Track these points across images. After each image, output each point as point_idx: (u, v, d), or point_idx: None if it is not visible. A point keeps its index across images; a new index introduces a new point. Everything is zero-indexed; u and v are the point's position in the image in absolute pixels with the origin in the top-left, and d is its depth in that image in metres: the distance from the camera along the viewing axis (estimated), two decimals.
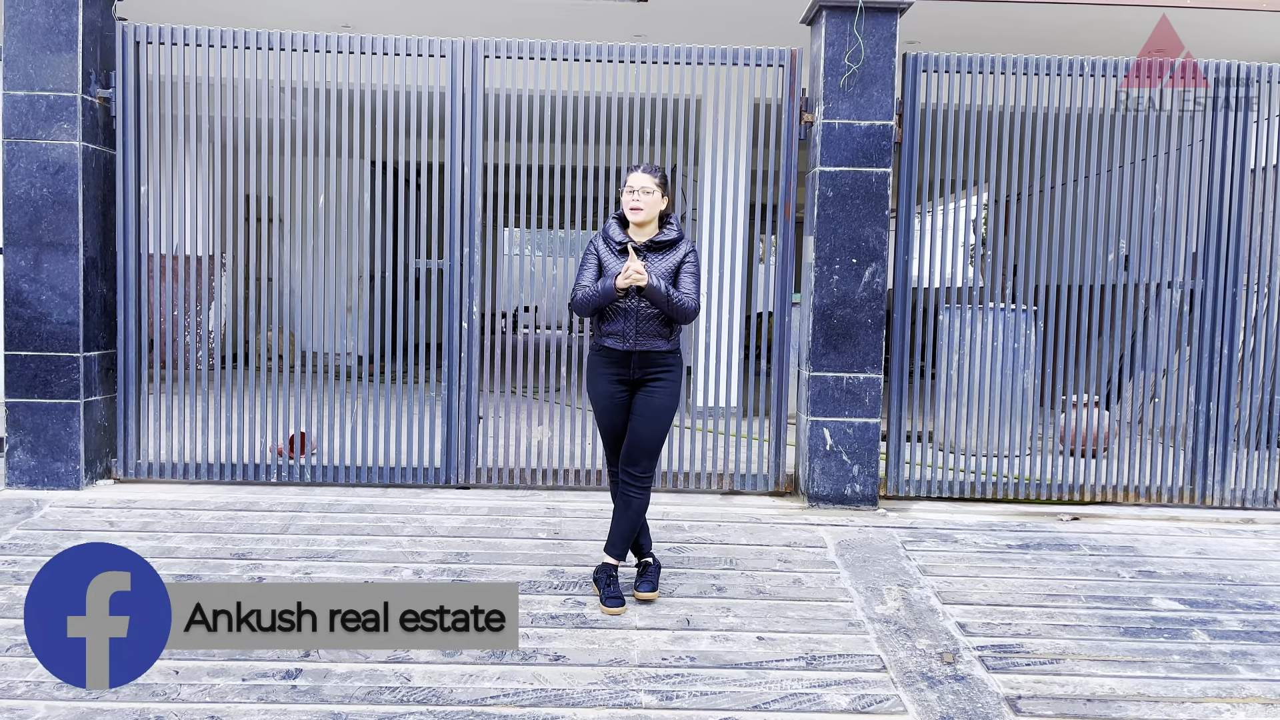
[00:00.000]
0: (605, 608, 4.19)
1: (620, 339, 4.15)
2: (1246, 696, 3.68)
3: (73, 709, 3.31)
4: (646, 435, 4.18)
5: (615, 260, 4.14)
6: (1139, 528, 5.51)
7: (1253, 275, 5.88)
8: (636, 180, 4.12)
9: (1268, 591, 4.64)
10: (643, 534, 4.41)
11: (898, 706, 3.53)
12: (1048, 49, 8.13)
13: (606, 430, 4.29)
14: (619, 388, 4.21)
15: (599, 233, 4.30)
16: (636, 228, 4.19)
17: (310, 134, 5.89)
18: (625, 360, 4.18)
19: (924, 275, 5.96)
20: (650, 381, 4.20)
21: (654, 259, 4.16)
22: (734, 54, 5.71)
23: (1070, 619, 4.28)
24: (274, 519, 5.19)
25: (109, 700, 3.35)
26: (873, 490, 5.67)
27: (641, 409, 4.19)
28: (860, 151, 5.57)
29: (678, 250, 4.20)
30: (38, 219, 5.46)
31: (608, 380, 4.22)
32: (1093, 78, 5.75)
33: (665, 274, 4.14)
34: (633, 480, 4.21)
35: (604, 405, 4.24)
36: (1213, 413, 5.87)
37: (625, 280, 4.01)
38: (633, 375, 4.19)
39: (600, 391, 4.24)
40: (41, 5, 5.39)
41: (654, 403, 4.18)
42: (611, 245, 4.18)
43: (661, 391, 4.19)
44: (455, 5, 7.48)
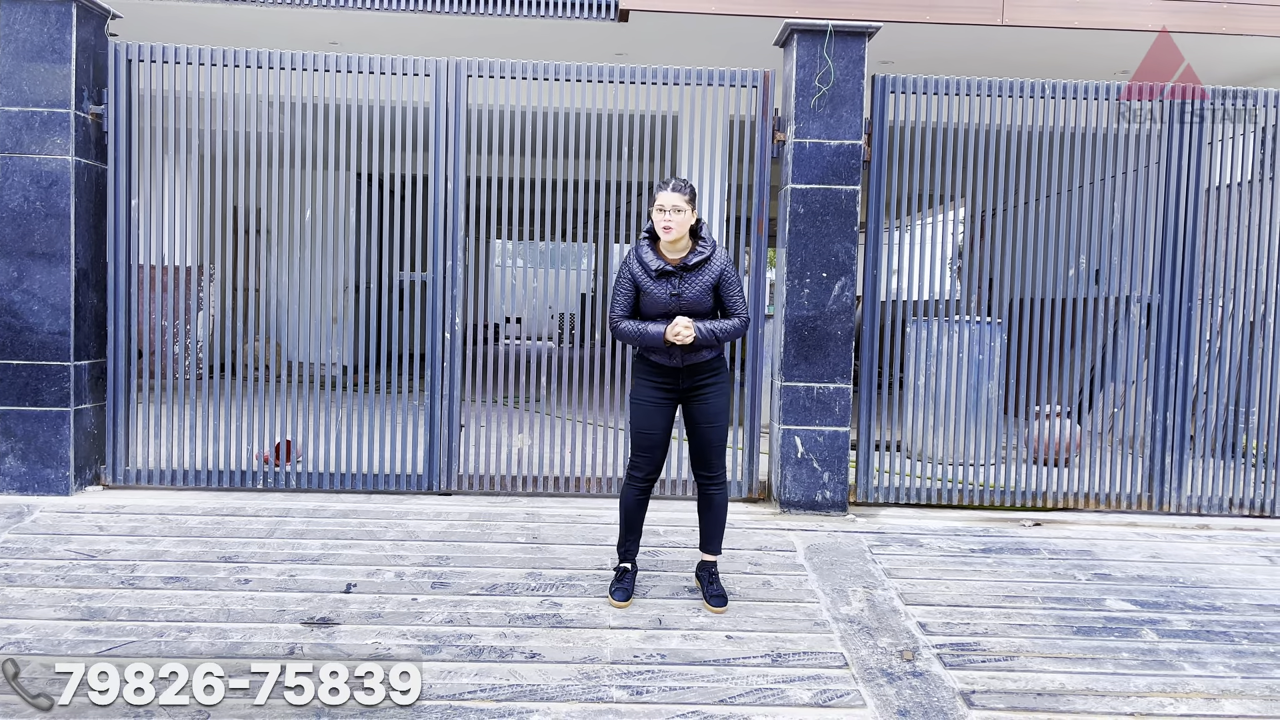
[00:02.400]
0: (710, 606, 4.41)
1: (667, 356, 4.27)
2: (1190, 691, 3.87)
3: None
4: (713, 438, 4.35)
5: (654, 284, 4.23)
6: (1098, 533, 5.72)
7: (1209, 290, 6.11)
8: (667, 199, 4.16)
9: (1217, 593, 4.85)
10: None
11: (857, 700, 3.71)
12: (1015, 69, 8.42)
13: (644, 436, 4.36)
14: (665, 397, 4.34)
15: (631, 253, 4.35)
16: (669, 245, 4.26)
17: (297, 147, 6.05)
18: (674, 374, 4.32)
19: (892, 289, 6.16)
20: (701, 389, 4.33)
21: (690, 279, 4.24)
22: (710, 75, 5.91)
23: (1026, 619, 4.47)
24: (260, 524, 5.34)
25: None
26: (843, 496, 5.86)
27: (700, 416, 4.34)
28: (830, 170, 5.77)
29: (713, 265, 4.27)
30: (30, 231, 5.60)
31: (653, 389, 4.34)
32: (1053, 99, 5.98)
33: (705, 290, 4.24)
34: (709, 480, 4.41)
35: (646, 409, 4.34)
36: (1170, 422, 6.09)
37: (673, 339, 4.15)
38: (681, 386, 4.33)
39: (645, 397, 4.35)
40: (37, 24, 5.54)
41: (710, 409, 4.34)
42: (649, 270, 4.24)
43: (715, 396, 4.34)
44: (440, 22, 7.65)
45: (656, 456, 4.39)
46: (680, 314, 4.22)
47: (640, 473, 4.41)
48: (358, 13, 7.36)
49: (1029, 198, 5.98)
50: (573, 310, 13.93)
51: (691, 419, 4.38)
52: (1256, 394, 6.24)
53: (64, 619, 4.12)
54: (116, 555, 4.82)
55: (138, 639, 3.96)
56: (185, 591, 4.43)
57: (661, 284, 4.23)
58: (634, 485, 4.43)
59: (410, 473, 6.06)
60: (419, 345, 6.17)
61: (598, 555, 5.02)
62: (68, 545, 4.94)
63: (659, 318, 4.25)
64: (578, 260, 21.09)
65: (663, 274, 4.23)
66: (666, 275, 4.23)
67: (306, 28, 7.97)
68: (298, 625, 4.12)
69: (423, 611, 4.30)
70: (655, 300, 4.24)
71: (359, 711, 3.49)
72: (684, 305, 4.23)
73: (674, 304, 4.23)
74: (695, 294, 4.24)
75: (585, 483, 6.10)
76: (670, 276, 4.24)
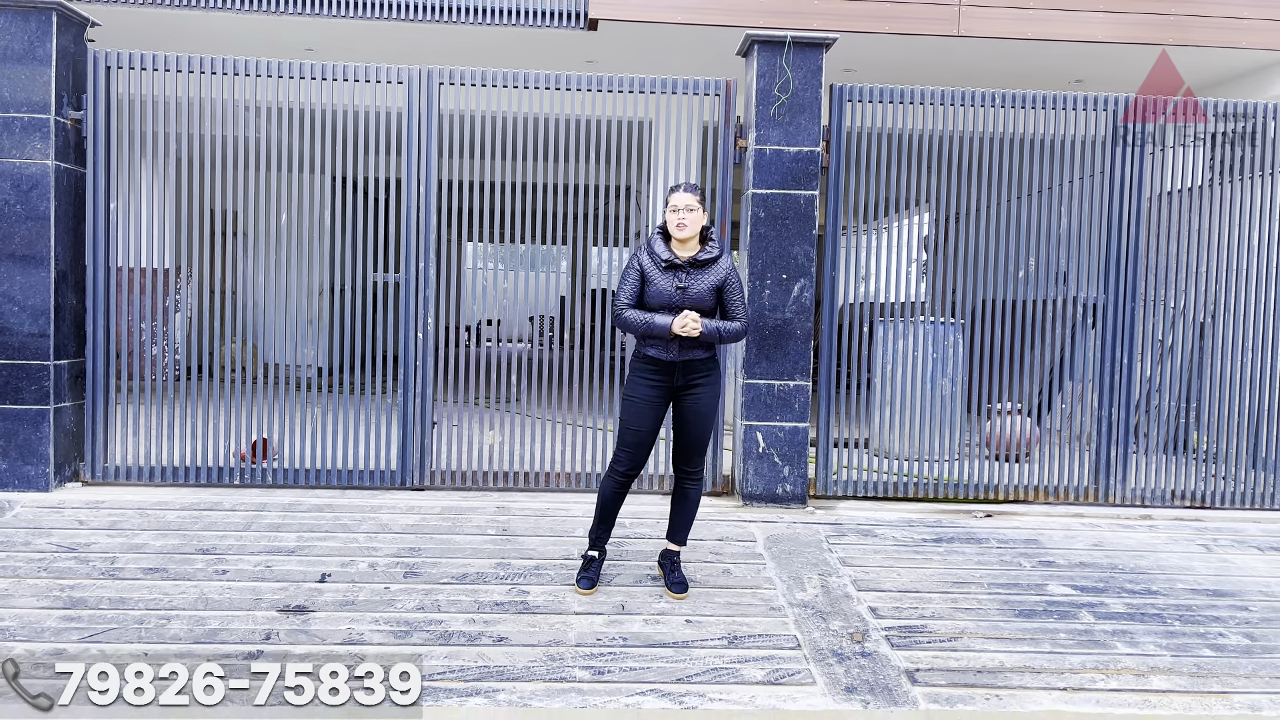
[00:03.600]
0: (672, 593, 4.62)
1: (664, 349, 4.47)
2: (1121, 669, 4.12)
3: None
4: (699, 436, 4.58)
5: (661, 276, 4.44)
6: (1045, 524, 5.97)
7: (1157, 292, 6.39)
8: (680, 200, 4.41)
9: (1153, 579, 5.10)
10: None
11: (807, 679, 3.92)
12: (973, 76, 8.69)
13: (634, 430, 4.53)
14: (659, 394, 4.52)
15: (643, 245, 4.59)
16: (679, 243, 4.49)
17: (273, 151, 6.20)
18: (669, 369, 4.51)
19: (854, 291, 6.40)
20: (693, 388, 4.54)
21: (696, 275, 4.46)
22: (675, 83, 6.12)
23: (972, 603, 4.70)
24: (237, 518, 5.49)
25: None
26: (802, 490, 6.08)
27: (689, 414, 4.55)
28: (790, 175, 6.00)
29: (720, 266, 4.50)
30: (11, 234, 5.73)
31: (649, 385, 4.52)
32: (1003, 108, 6.24)
33: (709, 289, 4.46)
34: (688, 475, 4.65)
35: (639, 406, 4.51)
36: (1114, 418, 6.35)
37: (680, 330, 4.35)
38: (675, 383, 4.53)
39: (639, 394, 4.52)
40: (17, 32, 5.68)
41: (700, 407, 4.55)
42: (658, 261, 4.45)
43: (706, 395, 4.56)
44: (414, 30, 7.82)
45: (642, 453, 4.58)
46: (685, 308, 4.41)
47: (623, 467, 4.59)
48: (333, 20, 7.52)
49: (984, 203, 6.23)
50: (552, 313, 14.13)
51: (681, 416, 4.59)
52: (1205, 392, 6.52)
53: (47, 608, 4.27)
54: (96, 548, 4.96)
55: (118, 626, 4.11)
56: (164, 581, 4.58)
57: (669, 276, 4.44)
58: (615, 478, 4.61)
59: (384, 469, 6.23)
60: (393, 346, 6.34)
61: (565, 546, 5.22)
62: (49, 539, 5.08)
63: (662, 310, 4.43)
64: (555, 263, 21.26)
65: (671, 266, 4.44)
66: (675, 268, 4.45)
67: (283, 34, 8.12)
68: (274, 613, 4.29)
69: (395, 599, 4.48)
70: (660, 292, 4.44)
71: (359, 712, 3.60)
72: (688, 300, 4.43)
73: (678, 297, 4.43)
74: (700, 290, 4.45)
75: (555, 478, 6.29)
76: (678, 270, 4.45)
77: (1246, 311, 6.41)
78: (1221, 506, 6.42)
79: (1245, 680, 4.03)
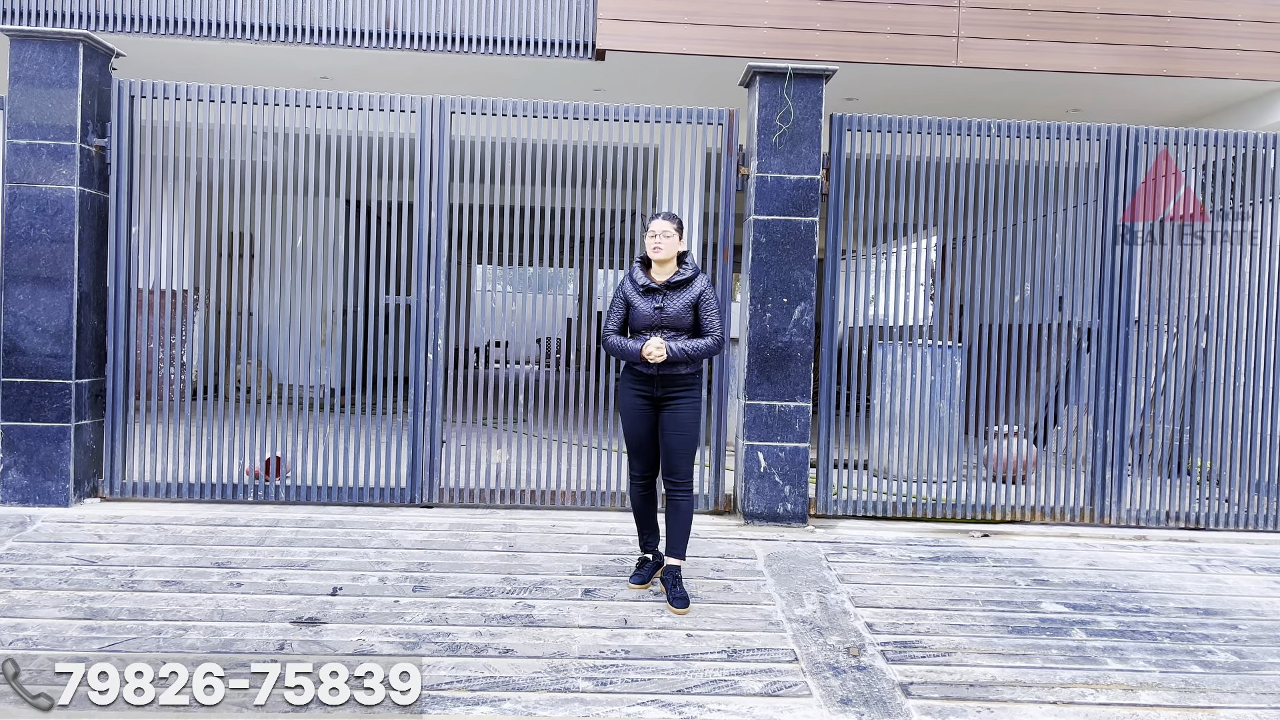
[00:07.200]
0: (673, 608, 4.75)
1: (645, 364, 4.82)
2: (1110, 684, 4.22)
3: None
4: (678, 446, 4.85)
5: (640, 299, 4.86)
6: (1041, 543, 6.08)
7: (1152, 317, 6.52)
8: (658, 226, 4.84)
9: (1145, 598, 5.21)
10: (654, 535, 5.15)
11: (804, 691, 4.04)
12: (972, 106, 8.86)
13: (632, 438, 4.94)
14: (644, 403, 4.89)
15: (626, 274, 5.04)
16: (658, 265, 4.88)
17: (289, 176, 6.40)
18: (650, 381, 4.87)
19: (856, 315, 6.55)
20: (674, 399, 4.86)
21: (672, 296, 4.84)
22: (680, 113, 6.31)
23: (966, 619, 4.82)
24: (251, 533, 5.64)
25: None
26: (803, 509, 6.21)
27: (670, 425, 4.86)
28: (790, 202, 6.17)
29: (694, 286, 4.86)
30: (36, 257, 5.92)
31: (634, 395, 4.91)
32: (1000, 138, 6.40)
33: (685, 307, 4.82)
34: (676, 486, 4.87)
35: (630, 416, 4.91)
36: (1109, 440, 6.47)
37: (647, 356, 4.72)
38: (656, 394, 4.87)
39: (627, 404, 4.93)
40: (45, 62, 5.90)
41: (679, 418, 4.85)
42: (637, 286, 4.88)
43: (685, 407, 4.86)
44: (426, 58, 8.05)
45: (646, 456, 4.96)
46: (663, 327, 4.80)
47: (637, 471, 5.00)
48: (348, 50, 7.76)
49: (982, 229, 6.39)
50: (559, 335, 14.30)
51: (662, 425, 4.88)
52: (1201, 416, 6.63)
53: (68, 618, 4.42)
54: (115, 561, 5.11)
55: (138, 636, 4.26)
56: (181, 594, 4.73)
57: (648, 299, 4.84)
58: (635, 484, 5.03)
59: (394, 486, 6.38)
60: (403, 367, 6.50)
61: (569, 562, 5.35)
62: (69, 552, 5.23)
63: (646, 329, 4.84)
64: (563, 286, 21.47)
65: (649, 290, 4.85)
66: (652, 292, 4.84)
67: (299, 63, 8.35)
68: (287, 624, 4.43)
69: (404, 612, 4.61)
70: (641, 313, 4.85)
71: (359, 712, 3.72)
72: (666, 319, 4.81)
73: (657, 317, 4.81)
74: (676, 310, 4.81)
75: (561, 496, 6.43)
76: (655, 293, 4.84)
77: (1243, 336, 6.53)
78: (1216, 528, 6.52)
79: (1232, 696, 4.13)
